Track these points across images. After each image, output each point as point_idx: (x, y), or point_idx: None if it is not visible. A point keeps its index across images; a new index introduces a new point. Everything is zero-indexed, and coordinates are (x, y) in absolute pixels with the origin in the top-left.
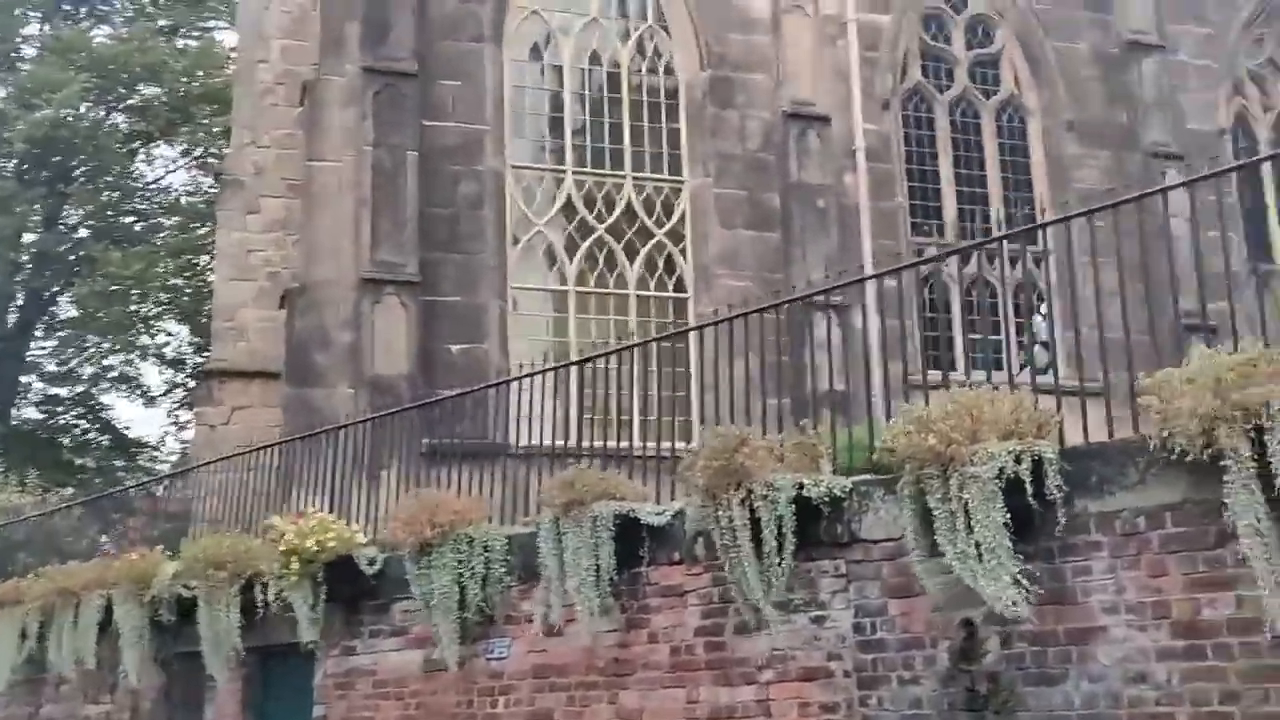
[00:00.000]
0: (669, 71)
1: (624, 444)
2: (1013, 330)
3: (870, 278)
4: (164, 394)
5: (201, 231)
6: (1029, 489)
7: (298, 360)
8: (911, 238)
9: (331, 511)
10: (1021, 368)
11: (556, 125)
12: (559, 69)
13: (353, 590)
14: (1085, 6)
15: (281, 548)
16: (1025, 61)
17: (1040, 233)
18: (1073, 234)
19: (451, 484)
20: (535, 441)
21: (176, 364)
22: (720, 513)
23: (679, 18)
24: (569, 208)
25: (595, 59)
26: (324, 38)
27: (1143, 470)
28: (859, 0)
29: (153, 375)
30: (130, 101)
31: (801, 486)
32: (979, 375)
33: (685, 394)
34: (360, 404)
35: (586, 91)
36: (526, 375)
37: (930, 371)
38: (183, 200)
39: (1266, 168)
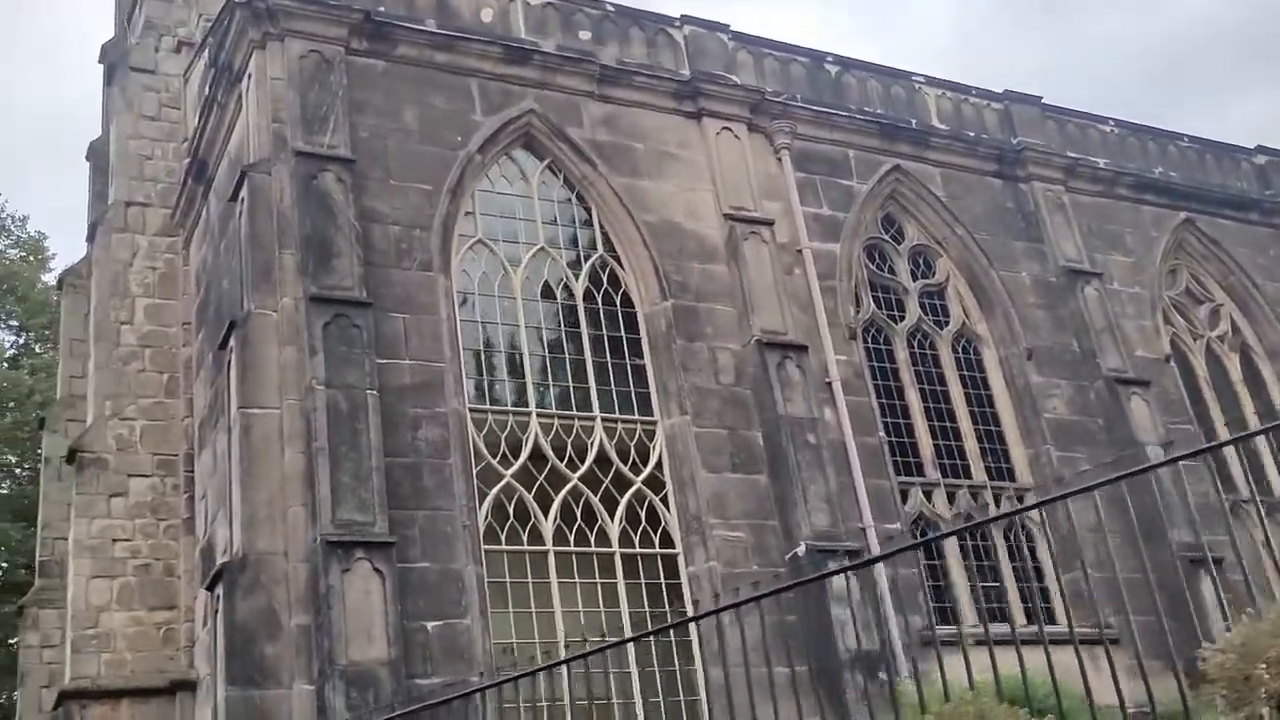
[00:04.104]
0: (626, 303)
1: None
2: (1011, 579)
3: (884, 557)
4: None
5: None
6: None
7: (241, 655)
8: (896, 477)
9: None
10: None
11: (513, 363)
12: (511, 301)
13: None
14: (1019, 237)
15: None
16: (970, 291)
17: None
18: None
19: None
20: None
21: None
22: None
23: (633, 246)
24: (537, 455)
25: (548, 291)
26: (252, 269)
27: None
28: (810, 228)
29: None
30: None
31: None
32: (997, 628)
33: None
34: (332, 704)
35: (542, 326)
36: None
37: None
38: None
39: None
